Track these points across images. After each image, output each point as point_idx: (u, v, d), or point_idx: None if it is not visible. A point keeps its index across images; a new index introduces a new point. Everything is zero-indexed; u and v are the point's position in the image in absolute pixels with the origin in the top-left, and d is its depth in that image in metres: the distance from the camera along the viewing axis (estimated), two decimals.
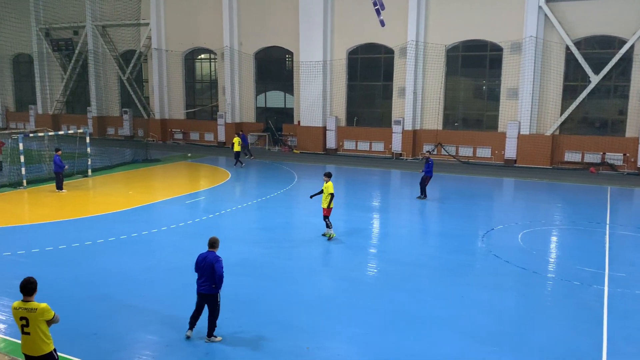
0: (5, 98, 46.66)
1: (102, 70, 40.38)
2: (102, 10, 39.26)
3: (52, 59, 42.95)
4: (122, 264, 12.50)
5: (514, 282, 11.83)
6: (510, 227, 16.27)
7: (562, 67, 27.56)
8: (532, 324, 9.70)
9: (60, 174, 20.59)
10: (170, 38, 37.68)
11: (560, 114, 27.88)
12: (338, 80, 32.73)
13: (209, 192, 21.64)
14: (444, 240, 15.14)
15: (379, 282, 11.75)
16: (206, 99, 38.58)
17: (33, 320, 6.45)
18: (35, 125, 42.14)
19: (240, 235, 15.12)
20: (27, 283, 6.54)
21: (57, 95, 43.43)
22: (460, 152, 30.25)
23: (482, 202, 20.64)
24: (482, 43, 29.16)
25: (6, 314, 9.70)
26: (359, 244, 14.47)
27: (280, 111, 35.97)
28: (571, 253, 14.10)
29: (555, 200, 21.10)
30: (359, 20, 31.04)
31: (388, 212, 19.11)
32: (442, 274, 12.21)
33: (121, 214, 17.51)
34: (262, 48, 35.11)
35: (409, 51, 29.90)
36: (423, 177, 19.95)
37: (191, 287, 11.10)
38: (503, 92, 28.90)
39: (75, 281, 11.39)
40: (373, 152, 32.45)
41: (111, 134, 41.41)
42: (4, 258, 12.85)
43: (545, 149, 27.96)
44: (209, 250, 8.86)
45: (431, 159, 20.14)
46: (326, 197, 14.46)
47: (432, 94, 30.42)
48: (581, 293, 11.09)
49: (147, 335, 9.06)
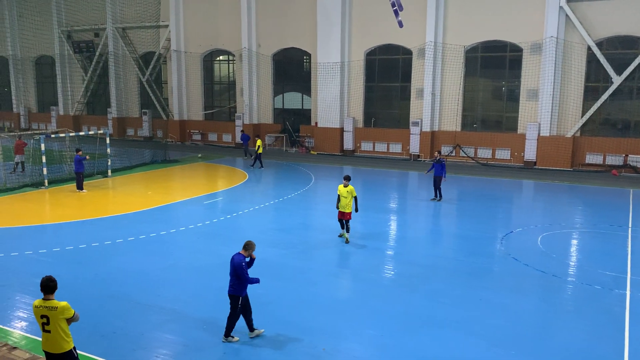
0: (28, 99, 47.51)
1: (122, 72, 40.86)
2: (122, 13, 39.78)
3: (73, 60, 43.64)
4: (141, 264, 12.63)
5: (533, 286, 11.69)
6: (530, 230, 16.07)
7: (584, 67, 27.16)
8: (551, 328, 9.56)
9: (80, 174, 20.88)
10: (189, 40, 38.01)
11: (581, 115, 27.47)
12: (356, 81, 32.69)
13: (227, 192, 21.76)
14: (462, 243, 15.01)
15: (395, 284, 11.69)
16: (224, 100, 38.82)
17: (53, 318, 6.53)
18: (57, 126, 42.86)
19: (257, 236, 15.11)
20: (48, 281, 6.62)
21: (78, 97, 44.08)
22: (479, 153, 29.99)
23: (501, 204, 20.43)
24: (502, 44, 28.88)
25: (27, 312, 9.86)
26: (376, 246, 14.42)
27: (297, 112, 36.04)
28: (592, 256, 13.87)
29: (575, 203, 20.81)
30: (377, 21, 30.96)
31: (405, 214, 19.02)
32: (459, 276, 12.11)
33: (140, 214, 17.69)
34: (280, 49, 35.23)
35: (428, 52, 29.74)
36: (435, 178, 19.82)
37: (209, 287, 11.22)
38: (523, 93, 28.59)
39: (94, 280, 11.54)
40: (390, 154, 32.33)
41: (131, 134, 41.90)
42: (26, 257, 13.07)
43: (566, 151, 27.58)
44: (239, 252, 8.84)
45: (443, 159, 19.89)
46: (350, 201, 14.27)
47: (450, 95, 30.22)
48: (602, 297, 10.91)
49: (165, 334, 9.14)
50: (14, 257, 13.00)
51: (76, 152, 21.03)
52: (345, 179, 14.43)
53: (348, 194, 14.22)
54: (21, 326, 9.39)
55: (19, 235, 15.01)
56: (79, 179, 20.90)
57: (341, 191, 14.35)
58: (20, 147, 25.02)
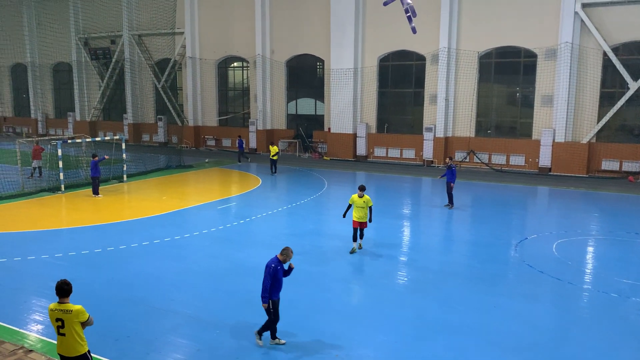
0: (46, 105, 48.20)
1: (138, 78, 41.33)
2: (138, 20, 40.27)
3: (90, 67, 44.25)
4: (155, 268, 12.72)
5: (549, 293, 11.57)
6: (545, 237, 15.92)
7: (599, 73, 26.92)
8: (567, 336, 9.46)
9: (97, 179, 21.11)
10: (204, 47, 38.36)
11: (597, 121, 27.20)
12: (369, 87, 32.72)
13: (240, 198, 21.86)
14: (476, 249, 14.91)
15: (409, 290, 11.65)
16: (238, 106, 39.06)
17: (68, 321, 6.59)
18: (74, 132, 43.41)
19: (270, 241, 15.21)
20: (63, 284, 6.68)
21: (94, 103, 44.64)
22: (493, 159, 29.80)
23: (515, 210, 20.27)
24: (516, 49, 28.74)
25: (44, 315, 9.97)
26: (389, 252, 14.38)
27: (310, 118, 36.13)
28: (608, 264, 13.69)
29: (591, 210, 20.58)
30: (390, 27, 30.99)
31: (419, 220, 18.94)
32: (474, 283, 12.03)
33: (155, 219, 17.83)
34: (293, 56, 35.40)
35: (441, 58, 29.69)
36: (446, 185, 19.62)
37: (222, 292, 11.27)
38: (537, 99, 28.39)
39: (109, 284, 11.65)
40: (404, 159, 32.26)
41: (146, 140, 42.30)
42: (42, 261, 13.24)
43: (582, 157, 27.30)
44: (276, 255, 8.88)
45: (453, 165, 19.67)
46: (367, 210, 13.93)
47: (464, 100, 30.11)
48: (619, 305, 10.77)
49: (179, 338, 9.19)
50: (31, 261, 13.17)
51: (92, 157, 21.28)
52: (360, 189, 13.96)
53: (365, 204, 13.84)
54: (37, 329, 9.51)
55: (35, 240, 15.21)
56: (95, 184, 21.14)
57: (356, 201, 13.89)
58: (38, 153, 25.38)
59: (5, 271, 12.43)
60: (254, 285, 11.48)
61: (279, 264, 8.77)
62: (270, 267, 8.67)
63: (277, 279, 8.76)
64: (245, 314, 10.09)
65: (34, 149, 25.49)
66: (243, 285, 11.57)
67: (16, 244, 14.65)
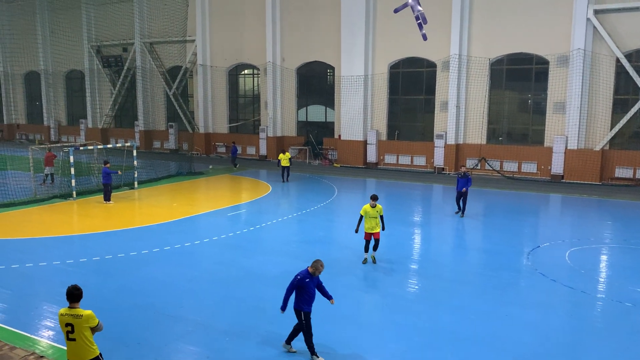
0: (58, 112, 48.73)
1: (150, 86, 41.65)
2: (150, 28, 40.62)
3: (102, 75, 44.67)
4: (166, 275, 12.73)
5: (561, 302, 11.41)
6: (557, 245, 15.75)
7: (612, 80, 26.70)
8: (580, 346, 9.32)
9: (108, 185, 21.24)
10: (215, 54, 38.59)
11: (610, 128, 26.96)
12: (379, 94, 32.70)
13: (250, 204, 21.88)
14: (488, 257, 14.78)
15: (420, 299, 11.55)
16: (249, 113, 39.20)
17: (78, 326, 6.59)
18: (86, 139, 43.82)
19: (280, 248, 15.19)
20: (73, 290, 6.70)
21: (106, 110, 45.03)
22: (504, 167, 29.61)
23: (527, 218, 20.09)
24: (528, 56, 28.60)
25: (55, 321, 10.00)
26: (401, 260, 14.29)
27: (321, 125, 36.17)
28: (623, 273, 13.49)
29: (605, 218, 20.34)
30: (401, 34, 31.00)
31: (430, 227, 18.82)
32: (485, 291, 11.91)
33: (165, 226, 17.88)
34: (303, 63, 35.50)
35: (452, 65, 29.62)
36: (458, 193, 19.38)
37: (232, 299, 11.24)
38: (549, 105, 28.21)
39: (120, 290, 11.67)
40: (414, 166, 32.16)
41: (157, 147, 42.54)
42: (53, 267, 13.31)
43: (594, 165, 27.05)
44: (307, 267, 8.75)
45: (468, 173, 19.38)
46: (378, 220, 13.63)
47: (475, 107, 29.99)
48: (634, 315, 10.59)
49: (188, 345, 9.17)
50: (42, 267, 13.25)
51: (104, 164, 21.42)
52: (372, 198, 13.60)
53: (377, 213, 13.56)
54: (48, 335, 9.53)
55: (47, 246, 15.30)
56: (106, 191, 21.26)
57: (369, 212, 13.51)
58: (50, 160, 25.60)
59: (17, 277, 12.51)
60: (264, 293, 11.49)
61: (307, 275, 8.59)
62: (296, 278, 8.58)
63: (306, 291, 8.56)
64: (255, 321, 10.06)
65: (47, 156, 25.72)
66: (253, 293, 11.54)
67: (28, 250, 14.74)
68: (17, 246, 15.22)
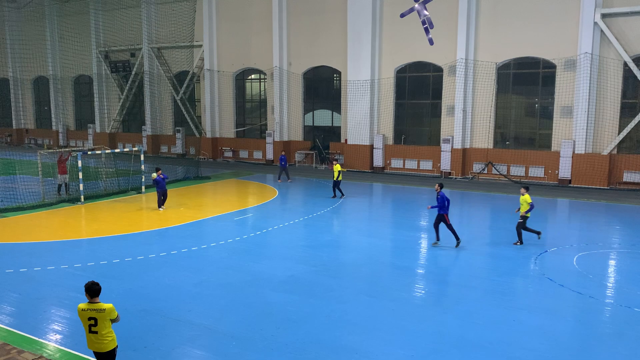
0: (67, 117, 49.05)
1: (157, 91, 41.86)
2: (158, 34, 40.88)
3: (110, 80, 44.96)
4: (173, 279, 12.77)
5: (570, 307, 11.34)
6: (565, 250, 15.67)
7: (620, 84, 26.58)
8: (589, 352, 9.25)
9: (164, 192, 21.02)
10: (222, 59, 38.76)
11: (617, 132, 26.83)
12: (386, 98, 32.71)
13: (257, 209, 21.91)
14: (495, 262, 14.72)
15: (427, 304, 11.52)
16: (255, 117, 39.31)
17: (101, 319, 6.99)
18: (94, 144, 44.07)
19: (287, 253, 15.19)
20: (93, 285, 7.10)
21: (114, 115, 45.29)
22: (511, 171, 29.52)
23: (535, 222, 19.95)
24: (535, 60, 28.54)
25: (63, 325, 10.05)
26: (407, 264, 14.27)
27: (327, 129, 36.21)
28: (632, 278, 13.39)
29: (613, 222, 20.21)
30: (407, 39, 31.03)
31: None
32: (492, 296, 11.86)
33: (172, 230, 17.94)
34: (310, 68, 35.59)
35: (459, 69, 29.59)
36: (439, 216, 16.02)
37: (239, 303, 11.25)
38: (557, 110, 28.11)
39: (127, 294, 11.71)
40: (421, 171, 32.11)
41: (164, 151, 42.71)
42: (61, 271, 13.38)
43: (602, 169, 26.90)
44: None
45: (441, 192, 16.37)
46: None
47: (482, 112, 29.93)
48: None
49: (195, 350, 9.18)
50: (50, 271, 13.32)
51: (156, 171, 21.11)
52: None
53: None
54: (56, 339, 9.57)
55: (55, 250, 15.39)
56: (159, 199, 21.10)
57: None
58: (63, 165, 23.67)
59: (25, 281, 12.58)
60: (270, 297, 11.50)
61: None
62: None
63: None
64: (262, 325, 10.06)
65: (59, 160, 23.87)
66: (260, 297, 11.55)
67: (36, 254, 14.83)
68: (26, 250, 15.31)
